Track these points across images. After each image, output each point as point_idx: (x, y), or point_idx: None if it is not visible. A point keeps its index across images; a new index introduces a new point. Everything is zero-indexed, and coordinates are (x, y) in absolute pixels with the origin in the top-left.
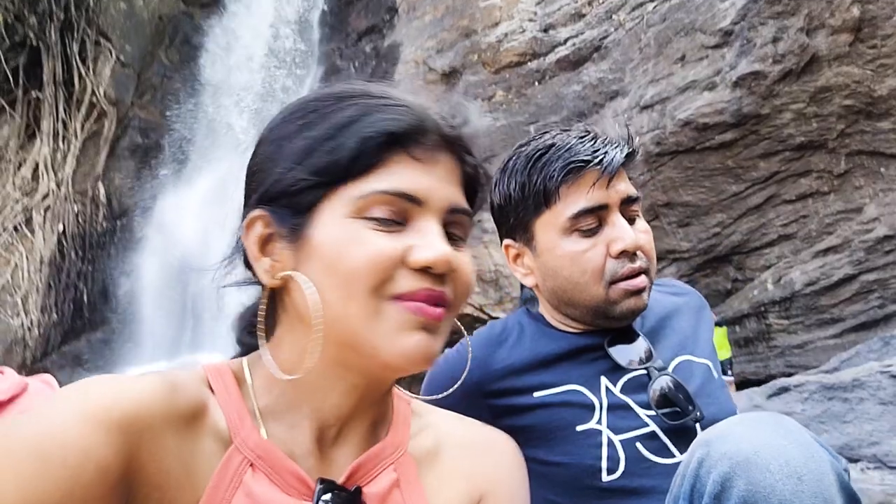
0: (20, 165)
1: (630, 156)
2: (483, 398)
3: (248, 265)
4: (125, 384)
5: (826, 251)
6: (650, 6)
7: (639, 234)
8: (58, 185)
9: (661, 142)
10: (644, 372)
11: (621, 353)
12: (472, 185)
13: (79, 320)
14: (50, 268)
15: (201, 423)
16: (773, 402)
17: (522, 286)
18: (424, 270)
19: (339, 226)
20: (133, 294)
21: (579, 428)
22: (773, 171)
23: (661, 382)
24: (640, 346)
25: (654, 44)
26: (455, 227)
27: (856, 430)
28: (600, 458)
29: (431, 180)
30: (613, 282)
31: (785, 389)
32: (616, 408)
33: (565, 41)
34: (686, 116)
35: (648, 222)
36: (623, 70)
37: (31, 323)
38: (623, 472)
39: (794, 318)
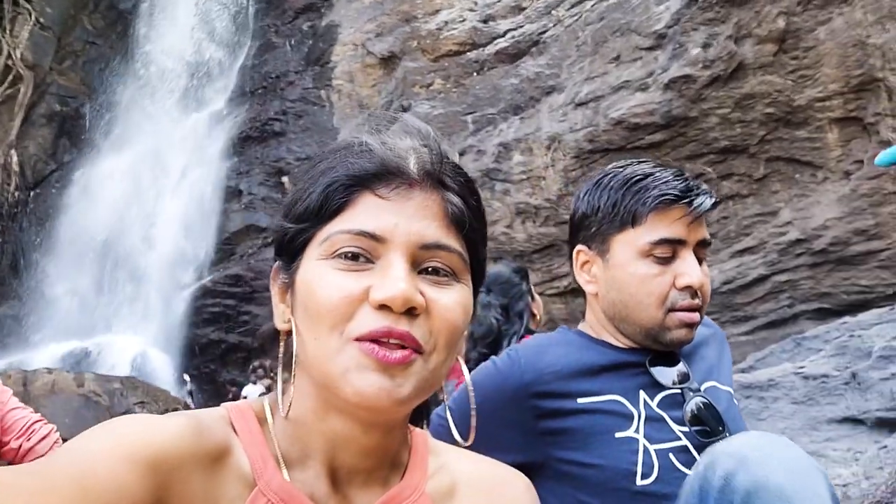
0: None
1: (714, 206)
2: (530, 398)
3: None
4: (157, 424)
5: (742, 252)
6: (588, 4)
7: (703, 276)
8: None
9: (593, 139)
10: (679, 391)
11: (661, 372)
12: (460, 220)
13: None
14: None
15: (226, 465)
16: None
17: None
18: (387, 308)
19: (311, 268)
20: (45, 269)
21: (618, 435)
22: (698, 173)
23: (696, 402)
24: (679, 367)
25: (591, 42)
26: (435, 263)
27: (769, 428)
28: (636, 464)
29: (398, 217)
30: (672, 310)
31: None
32: (653, 420)
33: (505, 33)
34: (618, 115)
35: None
36: (560, 66)
37: None
38: (656, 477)
39: (711, 314)
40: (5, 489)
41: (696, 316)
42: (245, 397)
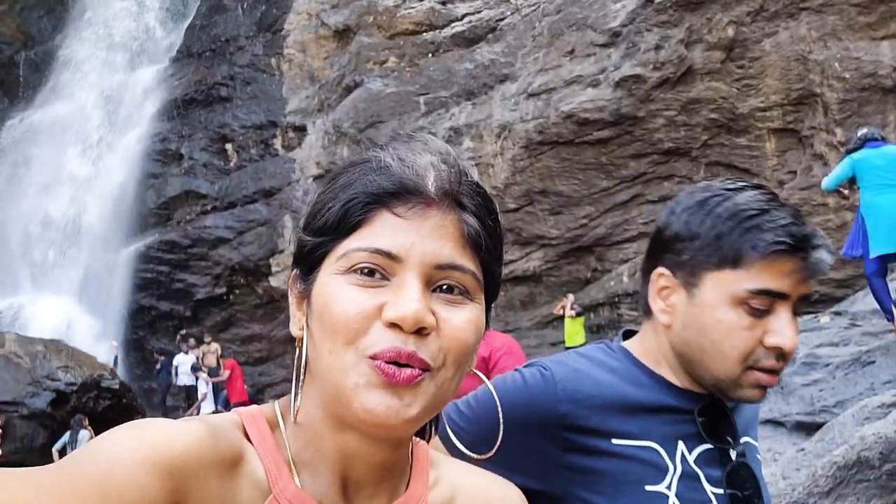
0: None
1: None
2: (562, 430)
3: None
4: (177, 430)
5: None
6: None
7: (796, 338)
8: None
9: (543, 131)
10: (720, 447)
11: (707, 424)
12: (476, 241)
13: None
14: None
15: (240, 471)
16: None
17: None
18: (398, 327)
19: (328, 282)
20: None
21: (648, 488)
22: (641, 171)
23: (735, 464)
24: (726, 421)
25: (547, 34)
26: (449, 282)
27: None
28: None
29: (414, 237)
30: (752, 367)
31: None
32: (687, 477)
33: (462, 17)
34: (569, 109)
35: (522, 207)
36: (515, 55)
37: None
38: None
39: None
40: (32, 489)
41: (775, 380)
42: (177, 367)
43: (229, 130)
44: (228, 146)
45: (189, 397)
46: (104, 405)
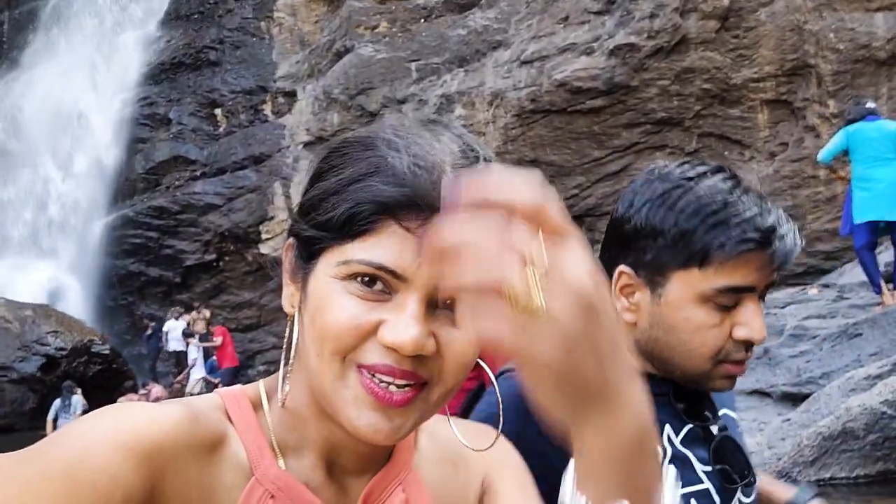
0: None
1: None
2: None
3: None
4: (153, 413)
5: None
6: None
7: (763, 327)
8: None
9: (536, 99)
10: (704, 425)
11: (685, 404)
12: None
13: None
14: None
15: (221, 454)
16: None
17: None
18: (394, 350)
19: (325, 283)
20: None
21: None
22: (634, 141)
23: (721, 440)
24: (703, 398)
25: (542, 0)
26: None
27: None
28: None
29: (423, 255)
30: (721, 361)
31: None
32: (677, 460)
33: None
34: (562, 77)
35: None
36: (508, 21)
37: None
38: None
39: None
40: (1, 479)
41: (743, 369)
42: (167, 332)
43: (218, 95)
44: (217, 111)
45: (179, 363)
46: (94, 370)
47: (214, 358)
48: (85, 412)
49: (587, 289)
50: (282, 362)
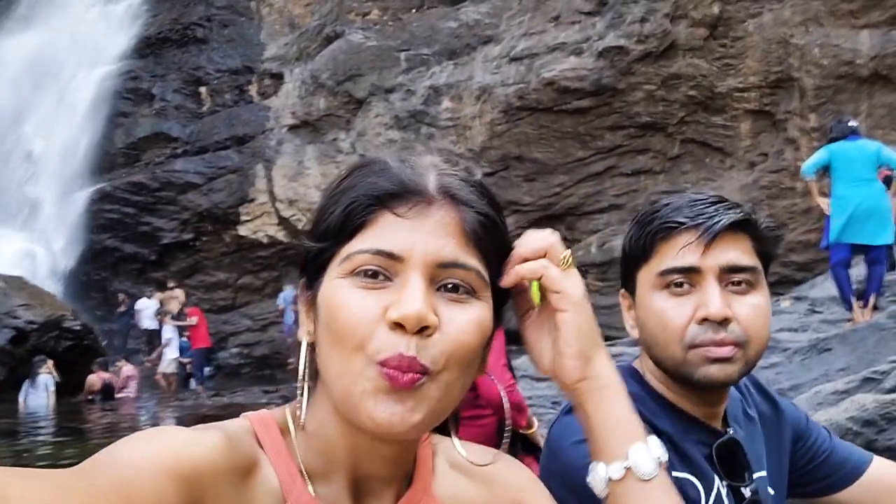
0: None
1: (744, 224)
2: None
3: None
4: (195, 437)
5: None
6: None
7: (739, 306)
8: None
9: (523, 96)
10: (734, 485)
11: (724, 461)
12: (479, 238)
13: None
14: None
15: (255, 479)
16: None
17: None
18: (401, 327)
19: (332, 286)
20: None
21: None
22: (617, 143)
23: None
24: (740, 457)
25: None
26: (453, 280)
27: None
28: None
29: (416, 236)
30: (693, 346)
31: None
32: None
33: None
34: (551, 76)
35: (497, 172)
36: (500, 17)
37: None
38: None
39: (609, 281)
40: (62, 492)
41: (721, 350)
42: (139, 311)
43: (203, 73)
44: (202, 89)
45: (150, 342)
46: (65, 346)
47: (186, 338)
48: (57, 389)
49: (581, 286)
50: (299, 389)
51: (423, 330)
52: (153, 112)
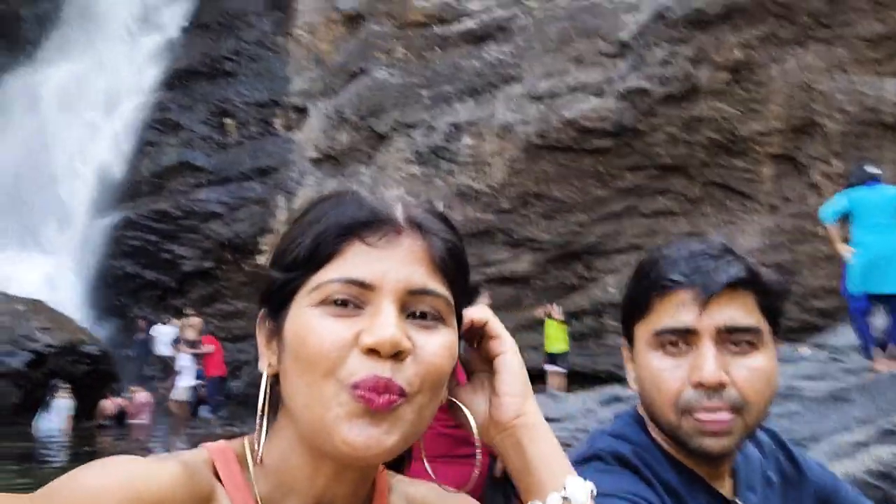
0: None
1: (747, 280)
2: None
3: None
4: (155, 468)
5: None
6: (561, 1)
7: (737, 368)
8: None
9: (543, 135)
10: None
11: None
12: (445, 266)
13: None
14: None
15: None
16: (605, 409)
17: None
18: (375, 353)
19: (301, 315)
20: None
21: None
22: (637, 183)
23: None
24: None
25: (557, 38)
26: (422, 307)
27: None
28: None
29: (386, 265)
30: (687, 411)
31: (617, 399)
32: None
33: (473, 14)
34: (571, 116)
35: (516, 209)
36: (522, 56)
37: None
38: None
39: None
40: None
41: (718, 422)
42: (156, 337)
43: (230, 105)
44: (228, 121)
45: (166, 368)
46: (82, 370)
47: (200, 367)
48: (76, 414)
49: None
50: (258, 421)
51: (396, 355)
52: (180, 142)
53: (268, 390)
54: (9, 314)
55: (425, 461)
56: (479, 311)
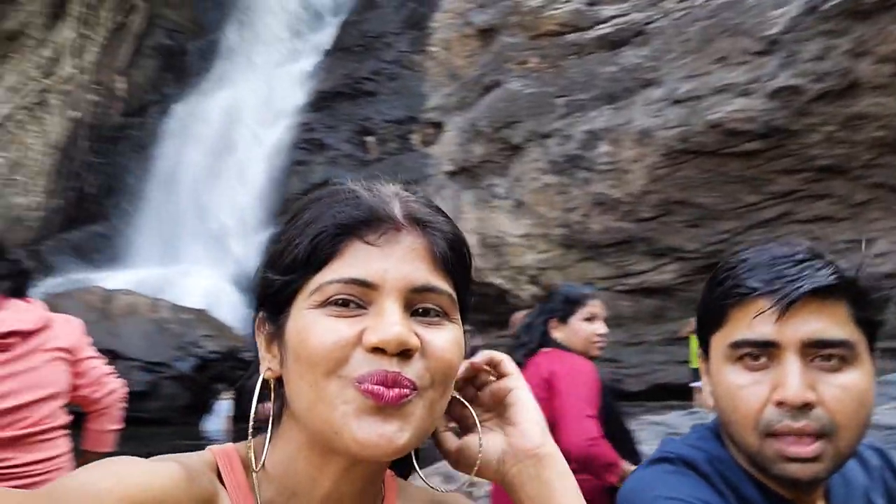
0: (41, 45)
1: (837, 288)
2: None
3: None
4: (154, 470)
5: None
6: (700, 0)
7: (826, 387)
8: (80, 72)
9: (686, 139)
10: None
11: None
12: (447, 261)
13: (81, 210)
14: (59, 153)
15: None
16: None
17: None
18: (380, 351)
19: (301, 317)
20: (137, 194)
21: None
22: (792, 188)
23: None
24: None
25: (697, 39)
26: (426, 305)
27: None
28: None
29: (388, 263)
30: (770, 434)
31: None
32: None
33: (608, 19)
34: (716, 118)
35: (658, 217)
36: (661, 59)
37: (35, 205)
38: None
39: None
40: None
41: (801, 448)
42: None
43: (371, 124)
44: (369, 139)
45: None
46: (240, 375)
47: None
48: (235, 416)
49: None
50: (269, 428)
51: (403, 354)
52: (326, 160)
53: (272, 395)
54: (178, 323)
55: None
56: (492, 353)
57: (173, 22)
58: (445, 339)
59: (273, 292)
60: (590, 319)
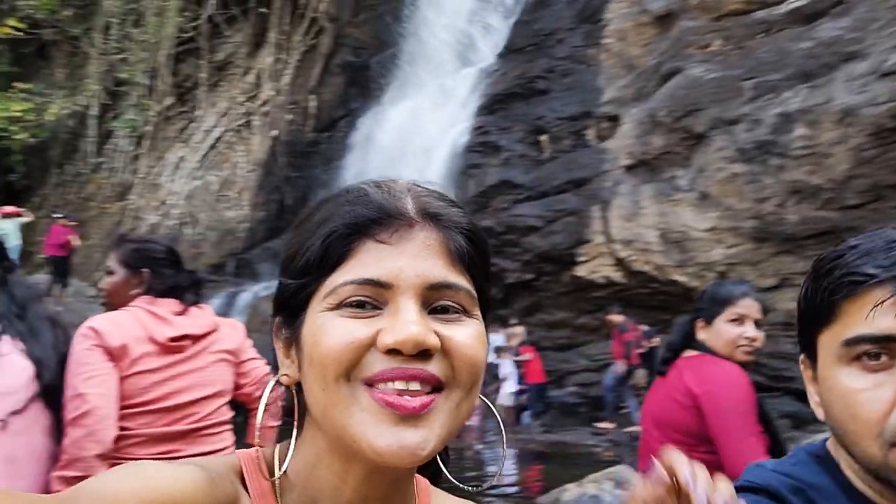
0: (246, 72)
1: None
2: None
3: None
4: (177, 474)
5: None
6: None
7: None
8: (277, 93)
9: None
10: None
11: None
12: (463, 257)
13: (281, 221)
14: (261, 170)
15: None
16: None
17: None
18: (397, 353)
19: (316, 320)
20: None
21: None
22: None
23: None
24: None
25: None
26: (444, 302)
27: None
28: None
29: (402, 261)
30: (894, 443)
31: None
32: None
33: None
34: None
35: (866, 204)
36: (865, 30)
37: (242, 217)
38: None
39: None
40: None
41: None
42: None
43: (544, 122)
44: (543, 138)
45: (487, 373)
46: None
47: (522, 374)
48: None
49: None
50: (257, 426)
51: (422, 354)
52: (500, 162)
53: (294, 401)
54: None
55: None
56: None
57: (356, 39)
58: (467, 334)
59: (288, 296)
60: (737, 321)
